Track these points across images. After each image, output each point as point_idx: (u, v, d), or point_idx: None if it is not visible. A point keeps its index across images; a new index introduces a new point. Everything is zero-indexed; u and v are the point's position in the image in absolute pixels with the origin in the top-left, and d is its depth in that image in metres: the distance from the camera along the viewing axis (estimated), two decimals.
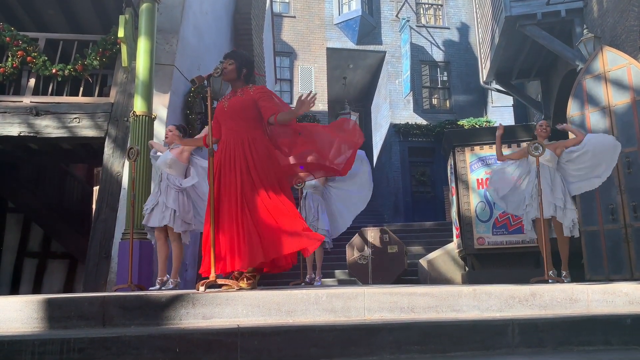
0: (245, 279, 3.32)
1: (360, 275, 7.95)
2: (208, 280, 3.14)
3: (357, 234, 8.25)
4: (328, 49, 16.09)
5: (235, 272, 3.35)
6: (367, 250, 7.98)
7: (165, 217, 4.63)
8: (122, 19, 6.07)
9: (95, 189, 9.82)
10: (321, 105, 15.84)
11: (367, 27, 16.07)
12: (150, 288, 4.75)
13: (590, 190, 6.73)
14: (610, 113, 6.70)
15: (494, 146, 7.61)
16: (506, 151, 7.55)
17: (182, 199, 4.71)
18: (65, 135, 6.58)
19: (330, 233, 6.55)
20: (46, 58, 6.83)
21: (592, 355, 2.19)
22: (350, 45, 16.15)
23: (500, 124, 5.58)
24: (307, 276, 6.56)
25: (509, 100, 14.97)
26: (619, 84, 6.66)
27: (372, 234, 8.11)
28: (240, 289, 3.16)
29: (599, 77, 6.89)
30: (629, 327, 2.36)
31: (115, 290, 4.70)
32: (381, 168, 16.68)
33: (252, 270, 3.33)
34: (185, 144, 4.50)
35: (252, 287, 3.30)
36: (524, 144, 7.24)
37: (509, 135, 7.74)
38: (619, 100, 6.63)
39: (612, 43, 7.73)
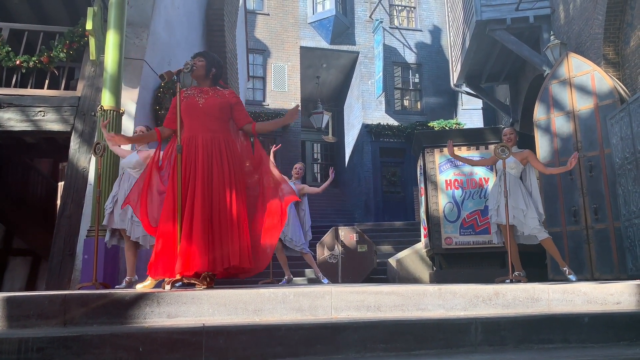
0: (208, 279, 3.29)
1: (330, 274, 7.98)
2: (174, 279, 3.10)
3: (327, 233, 8.28)
4: (301, 47, 16.08)
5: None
6: (337, 250, 8.01)
7: (125, 222, 4.61)
8: (90, 11, 5.93)
9: (60, 184, 9.58)
10: (294, 104, 15.81)
11: (341, 27, 16.11)
12: (116, 286, 4.68)
13: (555, 192, 6.95)
14: (574, 117, 6.89)
15: (463, 148, 7.80)
16: (475, 153, 7.71)
17: None
18: (29, 128, 6.39)
19: (306, 243, 6.65)
20: (10, 49, 6.62)
21: (551, 353, 2.25)
22: (323, 44, 16.17)
23: (450, 141, 5.56)
24: (286, 277, 6.63)
25: (478, 103, 15.25)
26: (583, 90, 6.86)
27: (343, 233, 8.15)
28: (208, 287, 3.13)
29: (564, 82, 7.09)
30: (586, 325, 2.44)
31: (79, 289, 4.60)
32: (353, 168, 16.76)
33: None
34: (138, 141, 4.53)
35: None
36: (491, 147, 7.39)
37: (478, 138, 7.90)
38: (582, 105, 6.83)
39: (577, 50, 7.97)
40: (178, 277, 3.12)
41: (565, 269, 4.95)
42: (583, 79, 6.88)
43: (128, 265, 4.77)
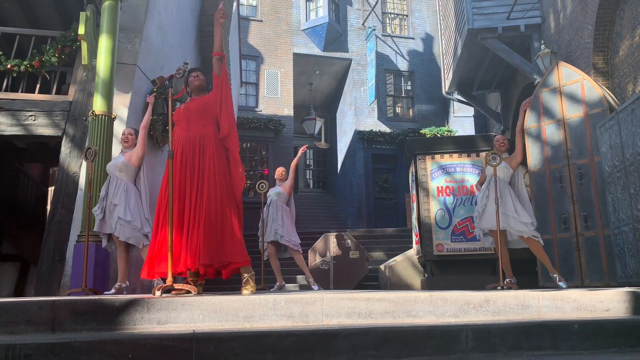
0: (194, 283, 3.30)
1: (321, 280, 7.96)
2: (165, 285, 3.09)
3: (319, 240, 8.27)
4: (295, 54, 16.12)
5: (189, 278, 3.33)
6: (329, 256, 8.01)
7: (112, 225, 4.59)
8: (83, 15, 5.91)
9: (51, 189, 9.49)
10: (287, 110, 15.84)
11: (334, 34, 16.19)
12: (105, 292, 4.64)
13: (545, 200, 7.00)
14: (564, 125, 6.95)
15: (454, 155, 7.84)
16: (466, 160, 7.76)
17: (132, 205, 4.66)
18: (20, 133, 6.35)
19: (297, 242, 6.65)
20: (1, 52, 6.58)
21: None
22: (316, 51, 16.22)
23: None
24: (277, 283, 6.63)
25: (469, 110, 15.35)
26: (573, 98, 6.93)
27: (335, 240, 8.15)
28: (199, 294, 3.12)
29: (554, 90, 7.15)
30: (576, 332, 2.45)
31: (68, 295, 4.55)
32: (345, 174, 16.78)
33: (193, 275, 3.32)
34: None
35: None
36: (482, 154, 7.44)
37: (469, 145, 7.95)
38: (572, 113, 6.90)
39: (567, 59, 8.05)
40: (169, 283, 3.11)
41: (555, 275, 4.96)
42: (573, 87, 6.95)
43: (120, 271, 4.73)
